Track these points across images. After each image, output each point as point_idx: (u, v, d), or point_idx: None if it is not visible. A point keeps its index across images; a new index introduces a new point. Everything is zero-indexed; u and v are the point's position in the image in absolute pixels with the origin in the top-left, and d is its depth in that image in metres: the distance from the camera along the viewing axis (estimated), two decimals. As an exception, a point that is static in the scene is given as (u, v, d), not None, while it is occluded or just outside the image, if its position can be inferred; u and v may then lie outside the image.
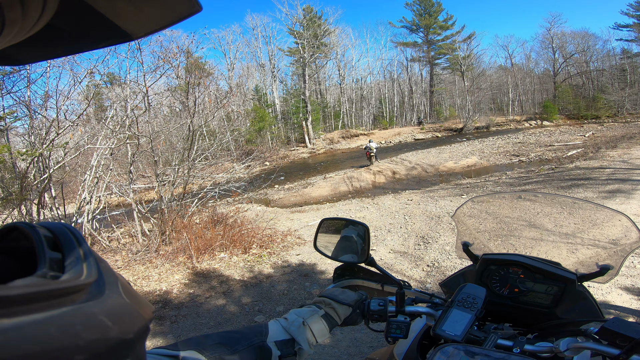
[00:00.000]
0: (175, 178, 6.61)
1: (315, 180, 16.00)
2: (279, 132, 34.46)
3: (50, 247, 0.28)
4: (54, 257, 0.27)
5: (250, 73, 39.24)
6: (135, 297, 0.31)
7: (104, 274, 0.29)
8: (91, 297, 0.26)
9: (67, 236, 0.29)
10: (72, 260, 0.27)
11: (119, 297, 0.28)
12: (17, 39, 0.26)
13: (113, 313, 0.26)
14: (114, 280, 0.30)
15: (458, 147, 21.59)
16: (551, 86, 39.47)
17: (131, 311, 0.28)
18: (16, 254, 0.29)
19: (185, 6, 0.29)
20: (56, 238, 0.29)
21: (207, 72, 26.26)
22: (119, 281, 0.30)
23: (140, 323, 0.29)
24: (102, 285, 0.28)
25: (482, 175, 13.13)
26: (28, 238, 0.28)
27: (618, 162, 11.42)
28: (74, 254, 0.28)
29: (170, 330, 3.73)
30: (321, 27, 36.47)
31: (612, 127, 24.76)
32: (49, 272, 0.25)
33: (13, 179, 6.55)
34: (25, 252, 0.28)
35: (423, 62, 43.59)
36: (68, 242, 0.29)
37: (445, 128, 35.17)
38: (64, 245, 0.28)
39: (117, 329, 0.25)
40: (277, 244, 6.09)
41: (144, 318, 0.29)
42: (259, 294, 4.43)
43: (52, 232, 0.29)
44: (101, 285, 0.28)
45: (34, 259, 0.26)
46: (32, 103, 6.82)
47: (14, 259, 0.29)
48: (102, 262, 0.31)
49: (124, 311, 0.28)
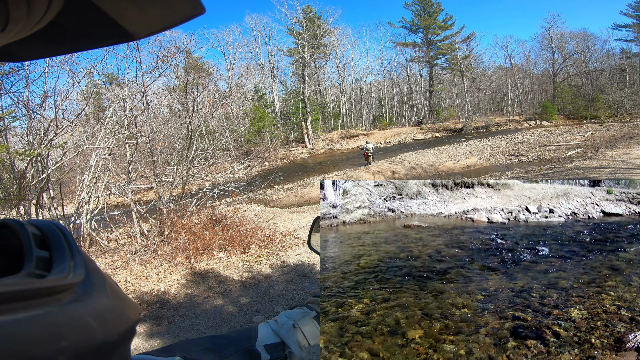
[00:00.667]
0: (174, 178, 6.61)
1: (314, 180, 16.00)
2: (278, 132, 34.47)
3: (38, 245, 0.27)
4: (41, 255, 0.27)
5: (250, 73, 39.27)
6: (122, 298, 0.31)
7: (91, 274, 0.29)
8: (77, 297, 0.25)
9: (56, 235, 0.29)
10: (60, 259, 0.27)
11: (105, 298, 0.28)
12: (20, 35, 0.26)
13: (99, 314, 0.26)
14: (102, 280, 0.30)
15: (457, 147, 21.61)
16: (550, 86, 39.56)
17: (117, 312, 0.28)
18: (4, 251, 0.28)
19: (188, 8, 0.29)
20: (45, 236, 0.29)
21: (206, 72, 26.28)
22: (106, 282, 0.30)
23: (126, 325, 0.28)
24: (88, 285, 0.27)
25: (482, 175, 13.15)
26: (17, 236, 0.28)
27: (618, 161, 11.44)
28: (61, 253, 0.28)
29: (167, 330, 3.73)
30: (320, 27, 36.50)
31: (611, 127, 24.82)
32: (35, 271, 0.25)
33: (11, 179, 6.54)
34: (14, 250, 0.28)
35: (422, 63, 43.66)
36: (56, 240, 0.29)
37: (444, 128, 35.22)
38: (52, 244, 0.28)
39: (102, 330, 0.25)
40: (276, 244, 6.09)
41: (131, 319, 0.29)
42: (257, 294, 4.43)
43: (41, 230, 0.29)
44: (88, 286, 0.27)
45: (22, 257, 0.26)
46: (30, 103, 6.82)
47: (2, 257, 0.28)
48: (91, 262, 0.30)
49: (110, 312, 0.27)
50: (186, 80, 7.32)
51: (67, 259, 0.27)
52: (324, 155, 28.68)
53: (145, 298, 4.38)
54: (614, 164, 11.00)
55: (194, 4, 0.28)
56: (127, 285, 4.70)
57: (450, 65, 42.23)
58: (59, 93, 6.75)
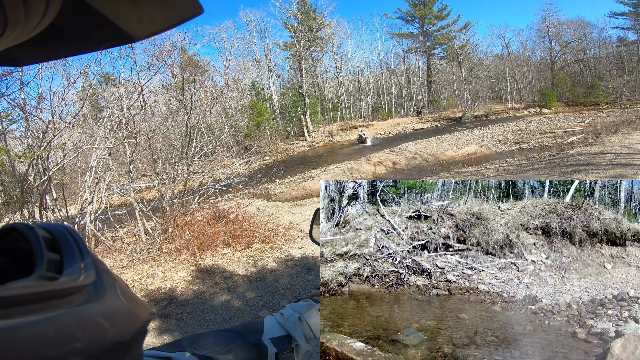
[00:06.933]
0: (175, 176, 6.62)
1: (315, 172, 16.03)
2: (277, 126, 34.46)
3: (49, 248, 0.28)
4: (52, 258, 0.27)
5: (247, 68, 39.17)
6: (133, 298, 0.31)
7: (102, 275, 0.29)
8: (89, 298, 0.26)
9: (66, 237, 0.29)
10: (70, 261, 0.27)
11: (116, 299, 0.28)
12: (19, 39, 0.26)
13: (110, 315, 0.26)
14: (112, 281, 0.30)
15: (458, 136, 21.57)
16: (549, 74, 39.40)
17: (128, 313, 0.28)
18: (14, 255, 0.29)
19: (186, 8, 0.29)
20: (54, 239, 0.29)
21: (202, 68, 26.15)
22: (117, 283, 0.30)
23: (137, 325, 0.29)
24: (99, 286, 0.28)
25: (483, 163, 13.14)
26: (26, 239, 0.28)
27: (619, 147, 11.41)
28: (72, 255, 0.28)
29: (176, 327, 3.77)
30: (316, 20, 36.25)
31: (611, 113, 24.71)
32: (46, 274, 0.25)
33: (13, 182, 6.56)
34: (24, 253, 0.28)
35: (419, 53, 43.41)
36: (66, 243, 0.29)
37: (444, 117, 35.15)
38: (62, 247, 0.28)
39: (113, 331, 0.25)
40: (280, 238, 6.12)
41: (141, 320, 0.30)
42: (262, 288, 4.46)
43: (51, 234, 0.29)
44: (99, 287, 0.27)
45: (32, 261, 0.26)
46: (26, 105, 6.79)
47: (12, 260, 0.28)
48: (101, 263, 0.31)
49: (121, 313, 0.28)
50: (182, 77, 7.28)
51: (77, 261, 0.28)
52: (324, 148, 28.69)
53: (152, 296, 4.42)
54: (615, 150, 10.96)
55: (192, 4, 0.28)
56: (135, 283, 4.74)
57: (447, 55, 41.99)
58: (55, 94, 6.73)
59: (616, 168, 8.20)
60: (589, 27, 37.87)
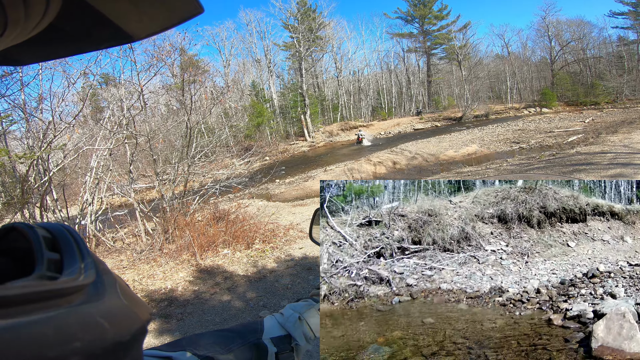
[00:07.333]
0: (175, 176, 6.62)
1: (316, 173, 16.02)
2: (277, 126, 34.44)
3: (49, 248, 0.28)
4: (52, 258, 0.27)
5: (247, 69, 39.15)
6: (133, 298, 0.31)
7: (102, 275, 0.29)
8: (89, 298, 0.26)
9: (66, 237, 0.29)
10: (70, 261, 0.27)
11: (116, 299, 0.28)
12: (19, 39, 0.26)
13: (110, 314, 0.26)
14: (112, 281, 0.30)
15: (458, 136, 21.55)
16: (549, 74, 39.32)
17: (128, 313, 0.28)
18: (14, 254, 0.28)
19: (186, 8, 0.29)
20: (55, 239, 0.29)
21: (202, 69, 26.15)
22: (117, 282, 0.30)
23: (137, 325, 0.29)
24: (100, 286, 0.28)
25: (483, 163, 13.12)
26: (26, 239, 0.28)
27: (619, 146, 11.39)
28: (72, 255, 0.28)
29: (177, 328, 3.76)
30: (316, 20, 36.20)
31: (611, 112, 24.68)
32: (46, 273, 0.25)
33: (14, 183, 6.56)
34: (24, 253, 0.28)
35: (419, 53, 43.33)
36: (66, 243, 0.29)
37: (444, 117, 35.10)
38: (62, 246, 0.28)
39: (113, 331, 0.25)
40: (280, 238, 6.11)
41: (141, 320, 0.30)
42: (263, 288, 4.46)
43: (51, 233, 0.29)
44: (99, 287, 0.27)
45: (32, 260, 0.26)
46: (27, 106, 6.79)
47: (12, 260, 0.28)
48: (101, 263, 0.31)
49: (121, 313, 0.28)
50: (182, 77, 7.28)
51: (77, 261, 0.28)
52: (324, 148, 28.66)
53: (153, 296, 4.42)
54: (615, 149, 10.95)
55: (192, 4, 0.28)
56: (135, 284, 4.74)
57: (447, 55, 41.91)
58: (55, 95, 6.73)
59: (616, 167, 8.19)
60: (588, 26, 37.83)
